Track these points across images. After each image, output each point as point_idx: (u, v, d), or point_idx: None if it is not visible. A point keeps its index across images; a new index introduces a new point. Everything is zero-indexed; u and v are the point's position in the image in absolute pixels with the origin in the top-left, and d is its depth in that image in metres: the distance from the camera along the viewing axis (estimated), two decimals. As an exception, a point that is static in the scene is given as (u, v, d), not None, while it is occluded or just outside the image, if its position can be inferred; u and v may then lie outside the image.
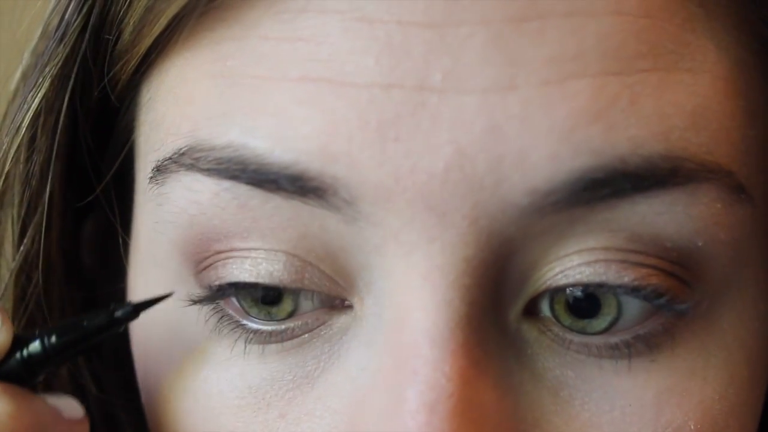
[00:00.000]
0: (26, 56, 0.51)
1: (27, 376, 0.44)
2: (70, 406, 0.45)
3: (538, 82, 0.39)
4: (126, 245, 0.51)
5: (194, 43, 0.43)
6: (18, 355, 0.44)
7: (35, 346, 0.44)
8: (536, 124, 0.39)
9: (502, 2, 0.39)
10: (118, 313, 0.44)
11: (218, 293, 0.44)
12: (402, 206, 0.40)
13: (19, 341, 0.44)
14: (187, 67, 0.44)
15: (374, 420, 0.41)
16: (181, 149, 0.43)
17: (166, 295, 0.45)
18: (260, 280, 0.42)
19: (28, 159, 0.48)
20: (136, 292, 0.48)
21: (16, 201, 0.49)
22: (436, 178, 0.40)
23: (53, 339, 0.44)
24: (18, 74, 0.51)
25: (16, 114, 0.49)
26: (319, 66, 0.40)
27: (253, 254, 0.43)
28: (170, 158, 0.44)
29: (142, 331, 0.48)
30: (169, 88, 0.45)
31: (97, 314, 0.44)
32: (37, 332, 0.44)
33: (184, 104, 0.44)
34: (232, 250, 0.43)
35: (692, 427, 0.43)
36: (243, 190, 0.42)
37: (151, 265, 0.47)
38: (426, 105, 0.39)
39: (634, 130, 0.40)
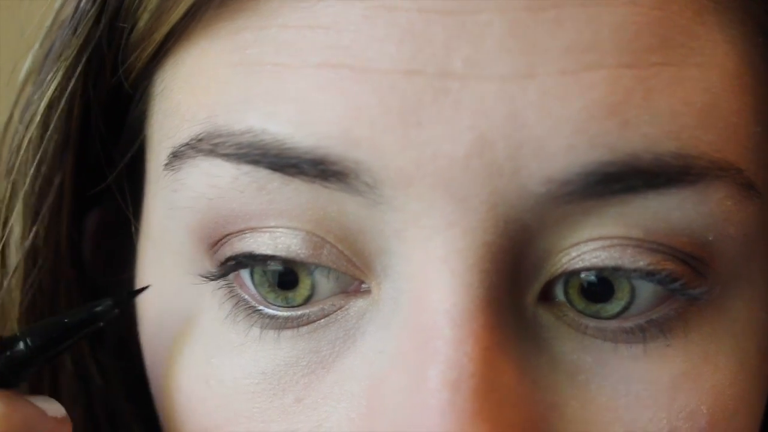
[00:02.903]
0: (35, 47, 0.51)
1: (12, 378, 0.44)
2: (53, 406, 0.46)
3: (555, 71, 0.40)
4: (137, 234, 0.51)
5: (212, 33, 0.44)
6: (1, 357, 0.44)
7: (19, 347, 0.44)
8: (554, 113, 0.40)
9: None
10: (98, 308, 0.45)
11: (232, 266, 0.44)
12: (423, 191, 0.41)
13: (2, 343, 0.44)
14: (204, 57, 0.44)
15: (394, 400, 0.41)
16: (198, 135, 0.43)
17: (143, 288, 0.47)
18: (278, 253, 0.43)
19: (39, 146, 0.48)
20: (149, 279, 0.49)
21: (28, 188, 0.49)
22: (457, 164, 0.40)
23: (36, 339, 0.44)
24: (27, 64, 0.51)
25: (28, 103, 0.49)
26: (340, 52, 0.41)
27: (272, 230, 0.43)
28: (187, 144, 0.44)
29: (152, 317, 0.48)
30: (184, 77, 0.45)
31: (78, 311, 0.45)
32: (18, 333, 0.44)
33: (200, 92, 0.44)
34: (248, 228, 0.43)
35: (704, 411, 0.43)
36: (263, 174, 0.42)
37: (165, 251, 0.47)
38: (448, 91, 0.40)
39: (648, 127, 0.41)
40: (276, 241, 0.43)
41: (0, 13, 0.56)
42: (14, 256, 0.51)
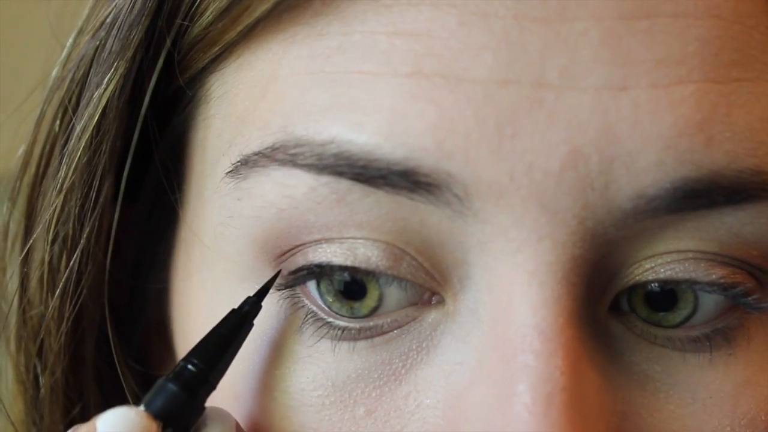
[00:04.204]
0: (71, 43, 0.49)
1: (193, 400, 0.43)
2: None
3: (647, 84, 0.40)
4: (170, 241, 0.50)
5: (287, 37, 0.43)
6: (175, 387, 0.42)
7: (188, 371, 0.42)
8: (645, 128, 0.40)
9: None
10: (245, 309, 0.43)
11: (302, 276, 0.43)
12: (515, 203, 0.40)
13: (174, 374, 0.42)
14: (278, 62, 0.43)
15: (478, 414, 0.41)
16: (274, 144, 0.42)
17: (276, 274, 0.44)
18: (357, 264, 0.42)
19: (92, 143, 0.46)
20: (196, 286, 0.47)
21: (68, 184, 0.47)
22: (551, 177, 0.40)
23: (201, 358, 0.43)
24: (62, 61, 0.49)
25: (77, 103, 0.47)
26: (433, 61, 0.40)
27: (350, 241, 0.42)
28: (260, 153, 0.43)
29: (201, 325, 0.47)
30: (253, 82, 0.44)
31: (227, 319, 0.43)
32: (180, 361, 0.43)
33: (274, 100, 0.43)
34: (324, 239, 0.42)
35: (763, 418, 0.44)
36: (344, 186, 0.41)
37: (217, 258, 0.46)
38: (543, 102, 0.40)
39: (729, 144, 0.41)
40: (355, 252, 0.42)
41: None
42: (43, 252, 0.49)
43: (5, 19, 0.52)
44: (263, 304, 0.44)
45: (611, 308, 0.43)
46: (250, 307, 0.43)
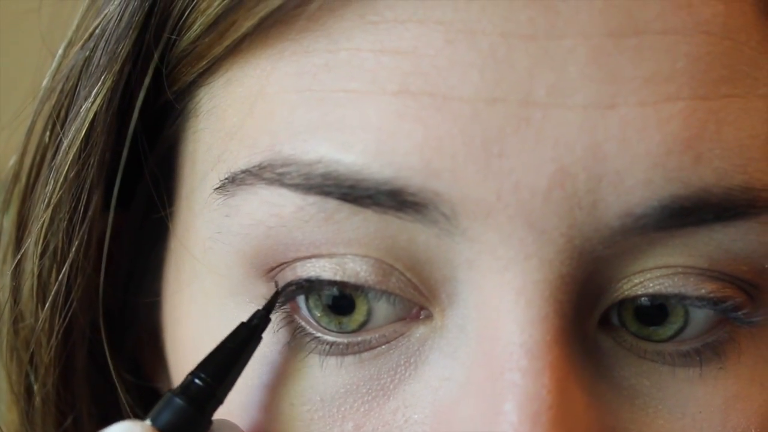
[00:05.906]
0: (61, 54, 0.49)
1: (200, 416, 0.42)
2: None
3: (635, 102, 0.40)
4: (162, 252, 0.50)
5: (275, 53, 0.42)
6: (182, 401, 0.42)
7: (195, 385, 0.42)
8: (633, 146, 0.40)
9: (602, 16, 0.40)
10: (254, 322, 0.43)
11: (291, 292, 0.43)
12: (502, 222, 0.40)
13: (181, 387, 0.42)
14: (266, 79, 0.43)
15: (464, 429, 0.41)
16: (261, 163, 0.42)
17: (284, 286, 0.44)
18: (346, 279, 0.42)
19: (80, 157, 0.46)
20: (186, 300, 0.47)
21: (56, 197, 0.47)
22: (538, 196, 0.40)
23: (208, 372, 0.42)
24: (52, 72, 0.49)
25: (66, 114, 0.47)
26: (419, 79, 0.40)
27: (339, 256, 0.42)
28: (247, 171, 0.42)
29: (191, 339, 0.47)
30: (241, 98, 0.43)
31: (235, 333, 0.43)
32: (189, 374, 0.42)
33: (262, 117, 0.43)
34: (314, 255, 0.42)
35: (753, 431, 0.44)
36: (332, 205, 0.41)
37: (206, 272, 0.46)
38: (530, 120, 0.40)
39: (718, 161, 0.41)
40: (344, 267, 0.42)
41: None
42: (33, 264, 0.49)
43: (-3, 27, 0.52)
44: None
45: (601, 322, 0.43)
46: (259, 321, 0.43)
